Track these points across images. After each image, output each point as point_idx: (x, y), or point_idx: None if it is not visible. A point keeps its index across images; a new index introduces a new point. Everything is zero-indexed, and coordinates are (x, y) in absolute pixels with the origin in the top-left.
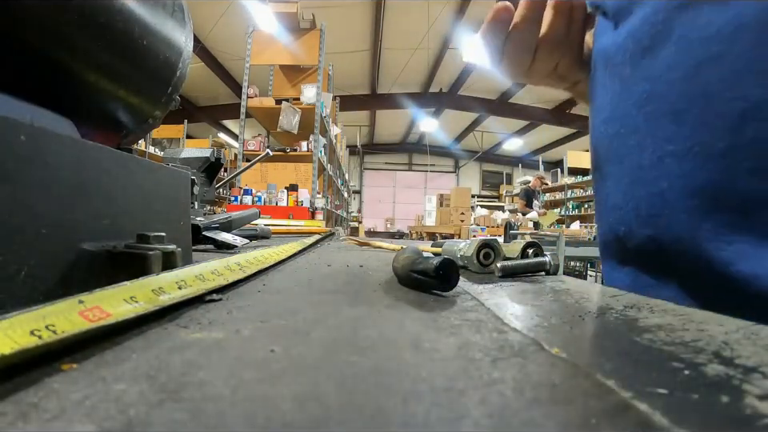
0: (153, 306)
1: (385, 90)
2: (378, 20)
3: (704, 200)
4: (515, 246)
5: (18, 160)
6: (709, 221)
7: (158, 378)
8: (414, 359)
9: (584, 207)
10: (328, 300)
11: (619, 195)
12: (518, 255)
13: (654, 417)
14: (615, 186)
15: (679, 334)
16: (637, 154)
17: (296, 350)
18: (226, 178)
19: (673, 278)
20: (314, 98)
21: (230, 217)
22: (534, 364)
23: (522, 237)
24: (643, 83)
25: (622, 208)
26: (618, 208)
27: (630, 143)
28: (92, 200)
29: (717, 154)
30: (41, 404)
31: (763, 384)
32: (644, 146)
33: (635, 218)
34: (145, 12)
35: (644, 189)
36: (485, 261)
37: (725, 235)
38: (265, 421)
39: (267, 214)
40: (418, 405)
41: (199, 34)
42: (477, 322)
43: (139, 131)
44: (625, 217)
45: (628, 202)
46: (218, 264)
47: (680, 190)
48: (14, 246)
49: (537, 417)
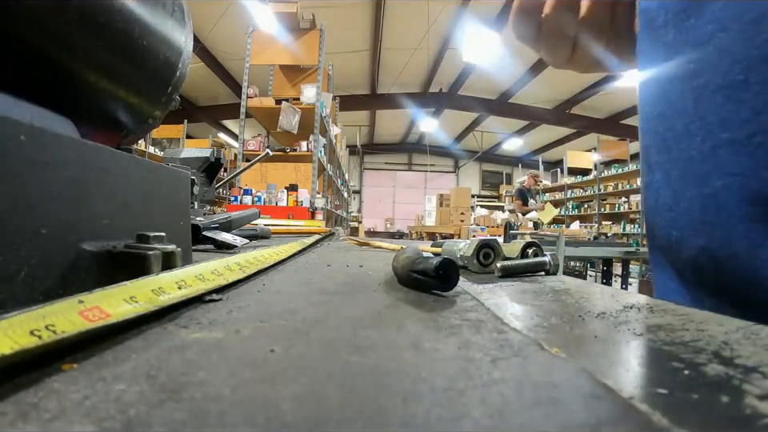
0: (153, 306)
1: (385, 89)
2: (378, 20)
3: (767, 208)
4: (515, 245)
5: (18, 160)
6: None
7: (158, 377)
8: (414, 359)
9: (584, 207)
10: (328, 300)
11: (669, 192)
12: (518, 255)
13: (654, 417)
14: (665, 180)
15: (679, 333)
16: (685, 142)
17: (296, 350)
18: (225, 177)
19: (733, 303)
20: (314, 98)
21: (230, 217)
22: (533, 364)
23: (522, 237)
24: (689, 50)
25: (673, 209)
26: (669, 208)
27: (678, 128)
28: (92, 200)
29: None
30: (41, 404)
31: (763, 384)
32: (693, 132)
33: (688, 223)
34: (145, 12)
35: (695, 187)
36: (484, 261)
37: None
38: (265, 421)
39: (267, 214)
40: (417, 405)
41: (199, 33)
42: (477, 322)
43: (139, 131)
44: (677, 220)
45: (679, 202)
46: (218, 264)
47: (737, 192)
48: (14, 246)
49: (537, 417)
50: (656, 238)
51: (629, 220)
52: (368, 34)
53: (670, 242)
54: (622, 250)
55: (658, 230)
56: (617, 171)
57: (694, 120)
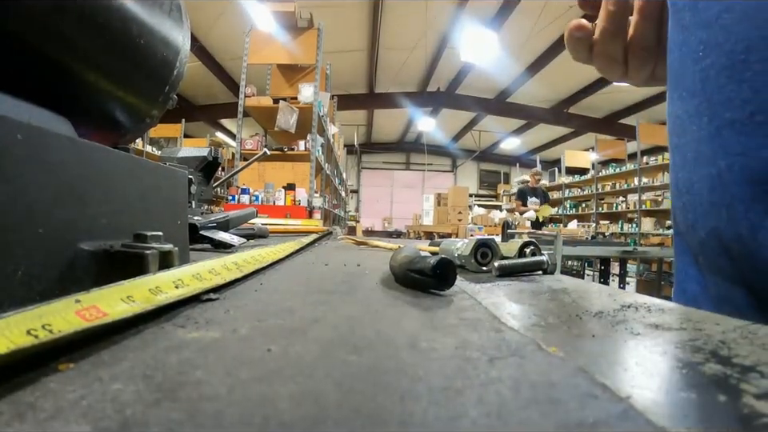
0: (150, 306)
1: (382, 89)
2: (376, 19)
3: (766, 188)
4: (513, 245)
5: (15, 159)
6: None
7: (155, 377)
8: (412, 359)
9: (581, 207)
10: (325, 299)
11: (685, 175)
12: (516, 254)
13: (651, 416)
14: (681, 162)
15: (677, 333)
16: (696, 123)
17: (293, 349)
18: (223, 177)
19: (741, 283)
20: (312, 97)
21: (228, 216)
22: (531, 363)
23: (520, 236)
24: (700, 31)
25: (689, 191)
26: (687, 190)
27: (690, 110)
28: (89, 199)
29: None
30: (37, 404)
31: (761, 383)
32: (701, 113)
33: (700, 204)
34: (142, 11)
35: (705, 168)
36: (482, 260)
37: None
38: (262, 420)
39: (265, 213)
40: (415, 404)
41: (197, 32)
42: (474, 322)
43: (137, 130)
44: (691, 202)
45: (693, 184)
46: (216, 263)
47: (739, 173)
48: (11, 246)
49: (533, 416)
50: (678, 223)
51: (626, 219)
52: (366, 33)
53: (687, 226)
54: (620, 250)
55: (678, 214)
56: (614, 171)
57: (702, 101)
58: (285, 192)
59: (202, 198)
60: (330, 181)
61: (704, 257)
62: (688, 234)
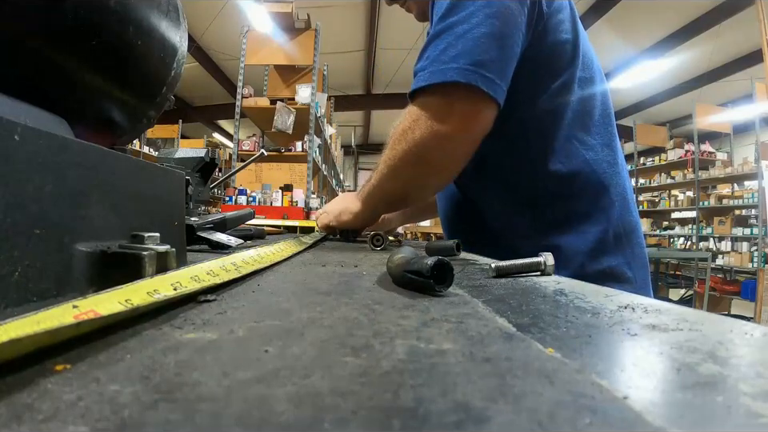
0: (145, 303)
1: (380, 90)
2: (373, 20)
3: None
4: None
5: (12, 160)
6: None
7: (152, 378)
8: (410, 359)
9: None
10: (322, 300)
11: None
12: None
13: (648, 416)
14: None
15: (674, 333)
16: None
17: (290, 350)
18: (220, 178)
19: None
20: (309, 98)
21: (225, 217)
22: (528, 364)
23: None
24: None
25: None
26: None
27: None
28: (86, 200)
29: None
30: (34, 405)
31: (757, 383)
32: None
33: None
34: (140, 12)
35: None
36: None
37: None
38: (259, 421)
39: (262, 214)
40: (413, 404)
41: (194, 33)
42: (472, 322)
43: (134, 131)
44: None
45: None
46: (214, 264)
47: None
48: (8, 247)
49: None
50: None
51: None
52: (363, 34)
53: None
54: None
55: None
56: None
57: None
58: (282, 193)
59: (199, 199)
60: (328, 182)
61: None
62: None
